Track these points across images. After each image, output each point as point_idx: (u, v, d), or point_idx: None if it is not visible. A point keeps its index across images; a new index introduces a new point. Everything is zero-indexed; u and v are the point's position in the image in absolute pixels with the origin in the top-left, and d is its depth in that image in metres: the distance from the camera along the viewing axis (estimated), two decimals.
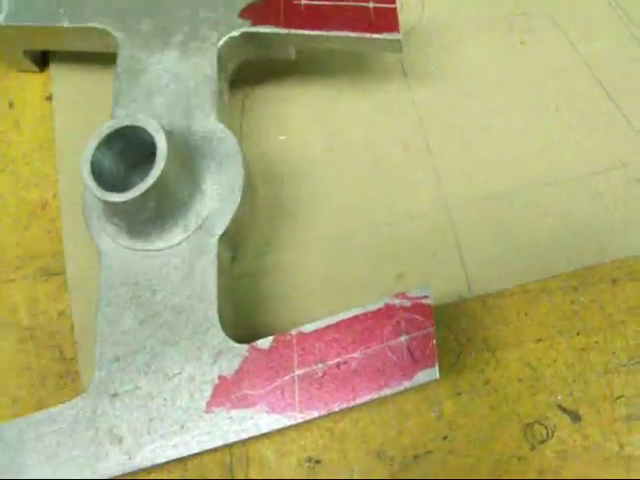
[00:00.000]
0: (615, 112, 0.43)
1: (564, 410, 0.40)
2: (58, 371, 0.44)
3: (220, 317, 0.36)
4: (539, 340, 0.41)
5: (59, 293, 0.45)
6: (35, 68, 0.50)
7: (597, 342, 0.41)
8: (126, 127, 0.36)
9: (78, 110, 0.48)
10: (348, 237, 0.42)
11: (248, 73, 0.45)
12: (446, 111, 0.44)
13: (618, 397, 0.40)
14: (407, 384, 0.34)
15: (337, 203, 0.43)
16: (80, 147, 0.46)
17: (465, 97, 0.45)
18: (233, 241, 0.39)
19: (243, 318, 0.41)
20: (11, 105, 0.50)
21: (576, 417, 0.40)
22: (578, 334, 0.41)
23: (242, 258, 0.43)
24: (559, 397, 0.40)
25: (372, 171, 0.43)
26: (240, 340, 0.36)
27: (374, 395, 0.34)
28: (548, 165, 0.43)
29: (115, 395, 0.36)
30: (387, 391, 0.34)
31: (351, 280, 0.42)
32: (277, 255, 0.43)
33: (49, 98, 0.49)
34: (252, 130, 0.45)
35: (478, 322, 0.41)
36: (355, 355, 0.34)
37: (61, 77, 0.49)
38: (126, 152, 0.38)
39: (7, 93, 0.50)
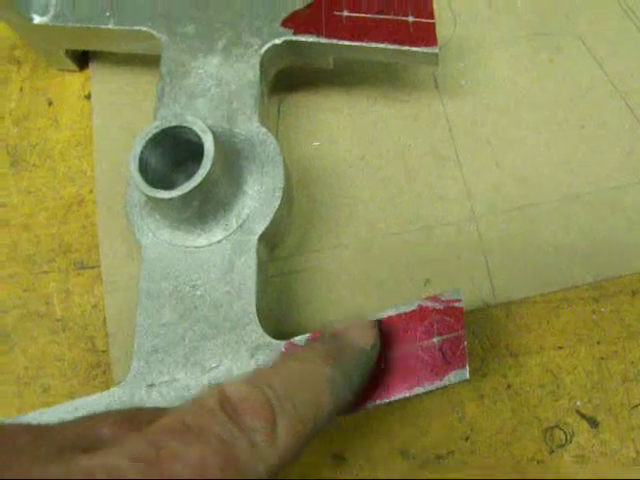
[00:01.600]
0: (639, 130, 0.45)
1: (583, 416, 0.41)
2: (90, 362, 0.45)
3: (258, 313, 0.37)
4: (560, 348, 0.42)
5: (92, 286, 0.46)
6: (75, 67, 0.51)
7: (616, 351, 0.42)
8: (174, 127, 0.37)
9: (116, 109, 0.50)
10: (378, 242, 0.44)
11: (284, 79, 0.47)
12: (476, 124, 0.46)
13: (635, 405, 0.41)
14: (438, 384, 0.35)
15: (368, 208, 0.45)
16: (118, 145, 0.48)
17: (494, 111, 0.46)
18: (271, 241, 0.41)
19: (275, 316, 0.43)
20: (50, 103, 0.51)
21: (594, 423, 0.41)
22: (598, 343, 0.42)
23: (276, 258, 0.44)
24: (578, 403, 0.41)
25: (403, 179, 0.45)
26: (271, 334, 0.37)
27: (406, 393, 0.35)
28: (572, 179, 0.44)
29: (152, 385, 0.37)
30: (419, 390, 0.35)
31: (380, 283, 0.43)
32: (308, 257, 0.44)
33: (87, 97, 0.51)
34: (287, 135, 0.47)
35: (502, 329, 0.43)
36: (388, 354, 0.36)
37: (100, 76, 0.51)
38: (171, 150, 0.39)
39: (46, 91, 0.51)
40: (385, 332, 0.36)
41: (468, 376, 0.35)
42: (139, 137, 0.37)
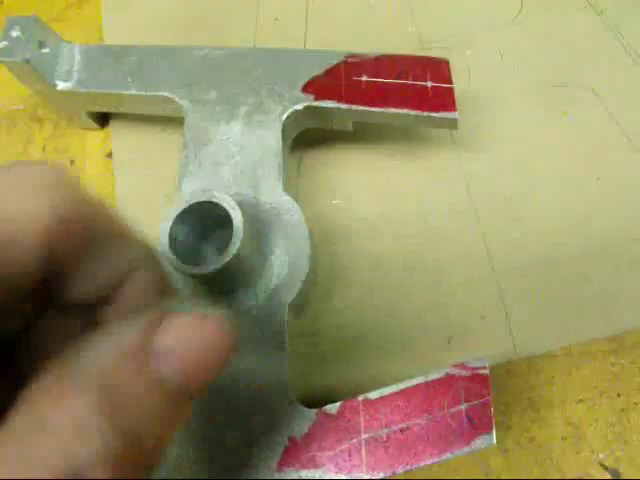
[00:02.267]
0: None
1: (605, 468, 0.42)
2: None
3: (289, 382, 0.38)
4: (581, 400, 0.43)
5: None
6: (96, 126, 0.52)
7: (636, 403, 0.43)
8: (203, 202, 0.38)
9: (137, 168, 0.50)
10: (400, 300, 0.45)
11: (304, 137, 0.47)
12: (492, 179, 0.47)
13: None
14: (466, 449, 0.36)
15: (389, 266, 0.45)
16: (140, 204, 0.49)
17: (510, 165, 0.47)
18: (298, 308, 0.42)
19: (300, 375, 0.44)
20: (72, 163, 0.52)
21: (617, 474, 0.42)
22: (618, 395, 0.43)
23: (299, 318, 0.45)
24: (600, 455, 0.42)
25: (422, 236, 0.46)
26: (299, 397, 0.38)
27: (435, 459, 0.36)
28: (589, 233, 0.45)
29: None
30: (448, 456, 0.36)
31: (403, 342, 0.44)
32: (332, 315, 0.45)
33: (109, 155, 0.52)
34: (307, 193, 0.48)
35: (524, 382, 0.44)
36: (418, 421, 0.37)
37: (120, 135, 0.52)
38: (198, 222, 0.40)
39: (68, 150, 0.52)
40: (413, 399, 0.37)
41: (495, 441, 0.36)
42: (168, 214, 0.38)
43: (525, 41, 0.51)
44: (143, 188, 0.50)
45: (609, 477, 0.42)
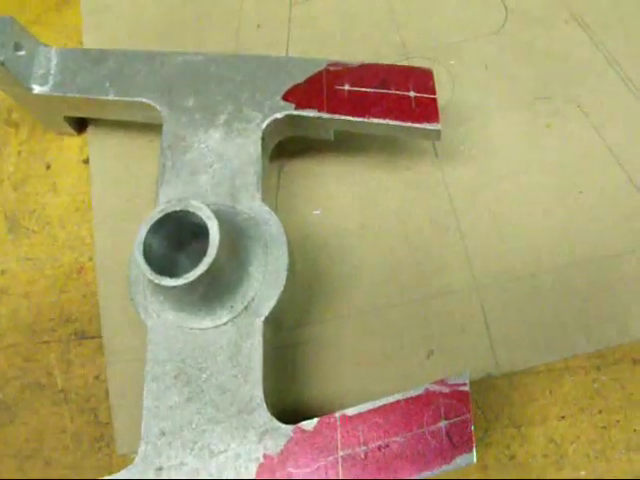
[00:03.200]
0: (637, 197, 0.45)
1: None
2: (92, 435, 0.45)
3: (265, 396, 0.37)
4: (563, 417, 0.43)
5: (94, 357, 0.46)
6: (73, 132, 0.51)
7: (618, 420, 0.43)
8: (178, 211, 0.37)
9: (114, 175, 0.50)
10: (380, 312, 0.44)
11: (284, 145, 0.47)
12: (475, 190, 0.46)
13: (639, 475, 0.41)
14: (446, 468, 0.35)
15: (370, 278, 0.45)
16: (116, 213, 0.48)
17: (493, 178, 0.47)
18: (276, 320, 0.41)
19: (277, 388, 0.43)
20: (48, 167, 0.51)
21: None
22: (600, 412, 0.43)
23: (277, 330, 0.44)
24: (582, 473, 0.42)
25: (404, 248, 0.45)
26: (275, 411, 0.38)
27: (414, 477, 0.35)
28: (571, 247, 0.45)
29: (161, 469, 0.37)
30: (427, 474, 0.35)
31: (382, 355, 0.43)
32: (310, 328, 0.44)
33: (86, 161, 0.51)
34: (287, 203, 0.47)
35: (505, 399, 0.43)
36: (396, 439, 0.36)
37: (98, 142, 0.51)
38: (174, 232, 0.39)
39: (44, 155, 0.51)
40: (392, 416, 0.36)
41: (475, 460, 0.35)
42: (143, 223, 0.37)
43: (510, 53, 0.51)
44: (120, 195, 0.49)
45: None
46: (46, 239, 0.49)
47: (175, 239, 0.40)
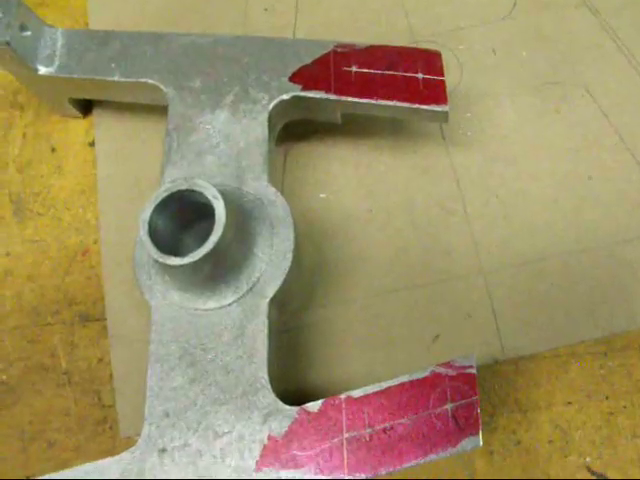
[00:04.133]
0: None
1: (593, 472, 0.41)
2: (96, 417, 0.45)
3: (269, 378, 0.37)
4: (569, 403, 0.42)
5: (98, 339, 0.46)
6: (78, 114, 0.51)
7: (625, 406, 0.42)
8: (184, 190, 0.37)
9: (120, 158, 0.49)
10: (386, 296, 0.44)
11: (291, 129, 0.46)
12: (483, 175, 0.46)
13: None
14: (452, 450, 0.35)
15: (376, 262, 0.44)
16: (122, 195, 0.48)
17: (501, 162, 0.46)
18: (281, 301, 0.40)
19: (282, 371, 0.42)
20: (53, 150, 0.51)
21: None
22: (607, 398, 0.42)
23: (283, 313, 0.44)
24: (588, 459, 0.41)
25: (410, 232, 0.45)
26: (280, 394, 0.37)
27: (420, 460, 0.35)
28: (579, 233, 0.44)
29: (164, 450, 0.37)
30: (432, 457, 0.35)
31: (388, 339, 0.43)
32: (316, 311, 0.44)
33: (92, 144, 0.50)
34: (293, 186, 0.47)
35: (511, 384, 0.43)
36: (402, 421, 0.36)
37: (104, 124, 0.50)
38: (179, 212, 0.39)
39: (50, 138, 0.51)
40: (398, 398, 0.36)
41: (481, 443, 0.35)
42: (149, 202, 0.37)
43: (519, 38, 0.50)
44: (126, 178, 0.48)
45: None
46: (51, 221, 0.49)
47: (181, 219, 0.39)
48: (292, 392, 0.42)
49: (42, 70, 0.45)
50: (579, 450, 0.42)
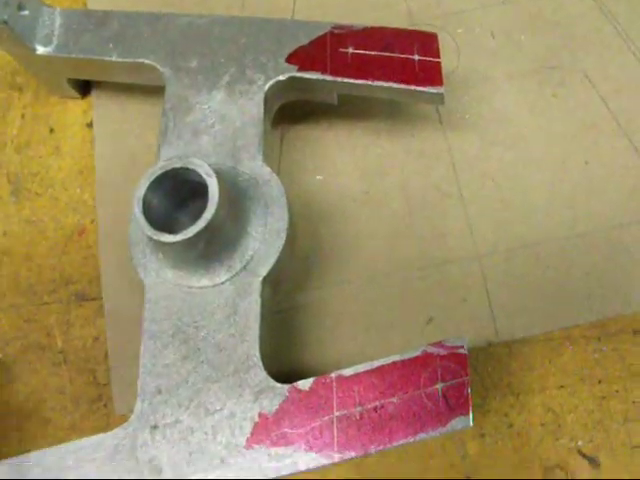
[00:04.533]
0: None
1: (584, 456, 0.41)
2: (91, 395, 0.45)
3: (261, 356, 0.37)
4: (562, 387, 0.42)
5: (94, 319, 0.46)
6: (77, 95, 0.51)
7: (617, 391, 0.42)
8: (178, 168, 0.37)
9: (118, 139, 0.49)
10: (381, 278, 0.44)
11: (287, 111, 0.46)
12: (479, 159, 0.46)
13: (636, 446, 0.41)
14: (442, 430, 0.35)
15: (371, 244, 0.45)
16: (119, 175, 0.48)
17: (498, 147, 0.46)
18: (274, 281, 0.40)
19: (275, 352, 0.43)
20: (52, 130, 0.51)
21: (595, 463, 0.41)
22: (599, 382, 0.42)
23: (277, 293, 0.44)
24: (579, 443, 0.41)
25: (406, 215, 0.45)
26: (272, 374, 0.37)
27: (410, 439, 0.35)
28: (576, 217, 0.44)
29: (156, 427, 0.37)
30: (422, 436, 0.35)
31: (382, 321, 0.43)
32: (310, 293, 0.44)
33: (89, 125, 0.51)
34: (289, 168, 0.47)
35: (504, 367, 0.43)
36: (392, 400, 0.36)
37: (102, 105, 0.51)
38: (174, 190, 0.39)
39: (48, 119, 0.51)
40: (388, 377, 0.36)
41: (472, 423, 0.35)
42: (143, 179, 0.37)
43: (518, 21, 0.50)
44: (123, 158, 0.49)
45: (588, 465, 0.41)
46: (48, 201, 0.49)
47: (175, 197, 0.39)
48: (285, 373, 0.42)
49: (40, 50, 0.45)
50: (571, 434, 0.42)
